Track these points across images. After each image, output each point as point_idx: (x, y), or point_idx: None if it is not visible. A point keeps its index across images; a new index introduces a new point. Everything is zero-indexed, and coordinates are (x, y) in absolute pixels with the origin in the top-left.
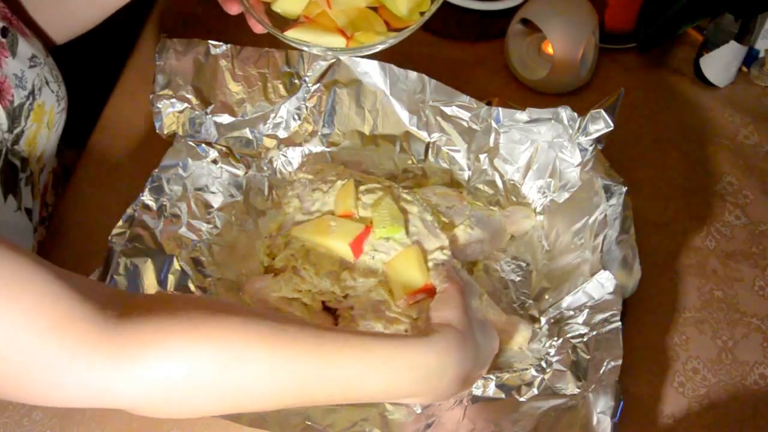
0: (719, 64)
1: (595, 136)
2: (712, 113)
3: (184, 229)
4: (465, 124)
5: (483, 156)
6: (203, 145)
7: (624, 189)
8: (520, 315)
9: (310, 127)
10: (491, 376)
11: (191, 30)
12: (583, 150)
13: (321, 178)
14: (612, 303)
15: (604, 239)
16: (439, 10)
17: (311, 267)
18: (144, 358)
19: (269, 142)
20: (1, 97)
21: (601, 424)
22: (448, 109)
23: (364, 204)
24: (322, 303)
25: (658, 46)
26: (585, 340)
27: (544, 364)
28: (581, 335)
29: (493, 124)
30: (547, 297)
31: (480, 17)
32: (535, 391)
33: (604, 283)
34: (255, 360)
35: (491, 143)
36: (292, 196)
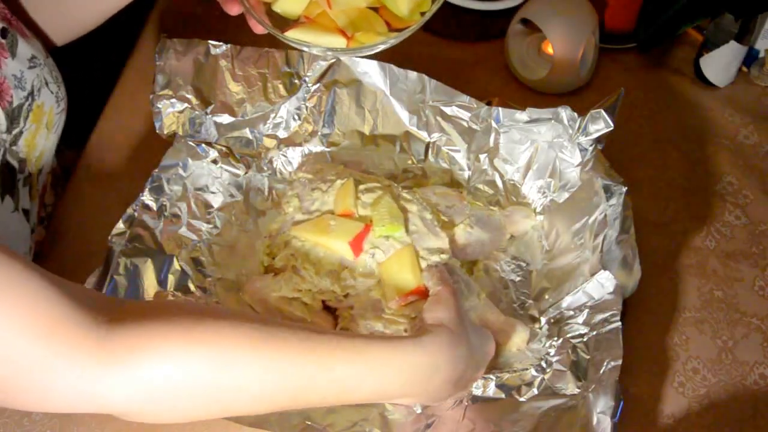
0: (719, 64)
1: (595, 136)
2: (712, 113)
3: (184, 229)
4: (465, 124)
5: (483, 156)
6: (203, 145)
7: (624, 189)
8: (520, 315)
9: (310, 127)
10: (491, 376)
11: (191, 30)
12: (583, 150)
13: (320, 178)
14: (612, 303)
15: (604, 239)
16: (439, 10)
17: (311, 266)
18: (136, 363)
19: (269, 142)
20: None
21: (601, 424)
22: (448, 109)
23: (363, 203)
24: (322, 302)
25: (658, 46)
26: (585, 340)
27: (544, 364)
28: (581, 335)
29: (493, 124)
30: (547, 297)
31: (480, 17)
32: (535, 391)
33: (604, 283)
34: (247, 364)
35: (491, 143)
36: (292, 195)
